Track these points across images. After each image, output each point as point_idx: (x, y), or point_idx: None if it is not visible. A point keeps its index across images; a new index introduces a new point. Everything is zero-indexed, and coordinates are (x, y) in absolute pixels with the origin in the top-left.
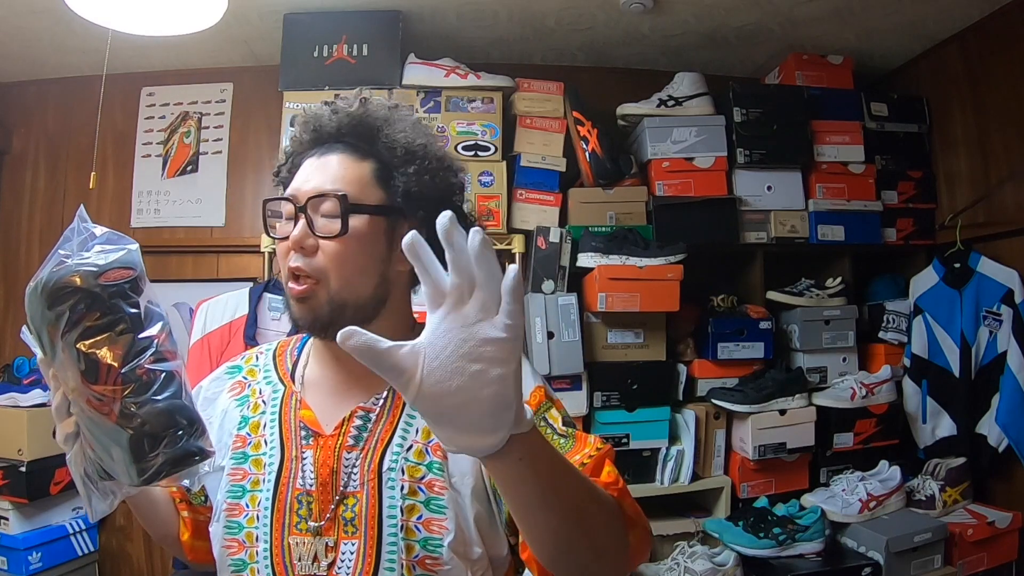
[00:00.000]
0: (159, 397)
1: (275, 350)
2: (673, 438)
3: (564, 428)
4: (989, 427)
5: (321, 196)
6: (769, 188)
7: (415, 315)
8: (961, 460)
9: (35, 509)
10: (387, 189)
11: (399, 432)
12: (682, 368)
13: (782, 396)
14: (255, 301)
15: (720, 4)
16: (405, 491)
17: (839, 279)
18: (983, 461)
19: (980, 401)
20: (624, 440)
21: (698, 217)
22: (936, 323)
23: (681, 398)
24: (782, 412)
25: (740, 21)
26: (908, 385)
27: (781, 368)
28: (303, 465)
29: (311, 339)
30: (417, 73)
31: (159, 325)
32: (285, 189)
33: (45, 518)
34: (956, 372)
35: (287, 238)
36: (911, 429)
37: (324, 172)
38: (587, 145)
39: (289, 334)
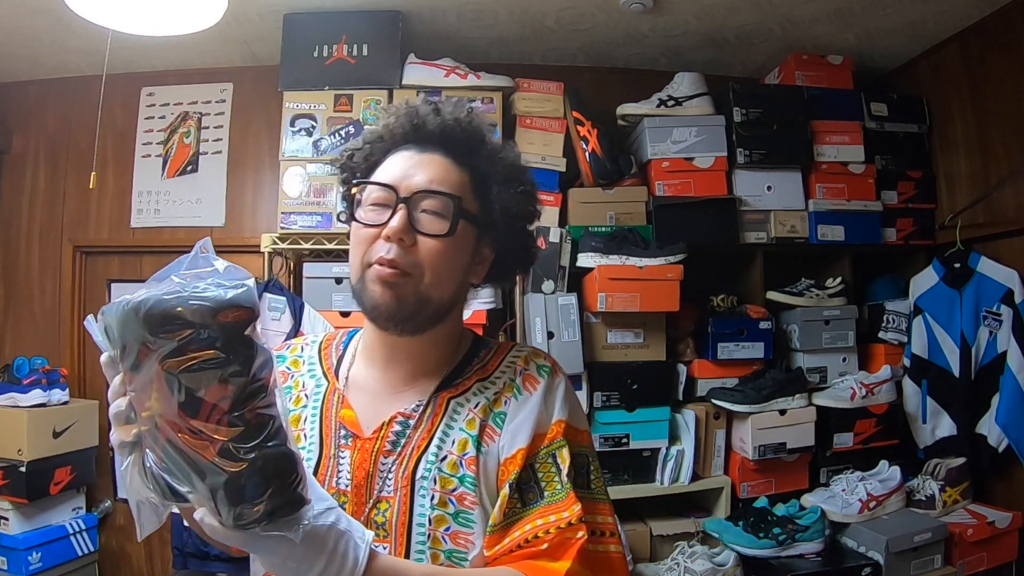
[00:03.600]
0: (269, 444)
1: (320, 344)
2: (673, 438)
3: (566, 478)
4: (989, 427)
5: (432, 193)
6: (769, 188)
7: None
8: (961, 460)
9: (35, 509)
10: (482, 202)
11: (435, 442)
12: (682, 368)
13: (782, 396)
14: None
15: (720, 4)
16: (435, 501)
17: (839, 279)
18: (983, 461)
19: (980, 401)
20: (624, 440)
21: (698, 217)
22: (936, 323)
23: (681, 398)
24: (782, 412)
25: (740, 21)
26: (908, 385)
27: (781, 368)
28: (340, 465)
29: (357, 337)
30: (417, 73)
31: (270, 367)
32: (351, 176)
33: (45, 518)
34: (956, 372)
35: (376, 225)
36: (911, 429)
37: (429, 170)
38: (587, 145)
39: (287, 336)
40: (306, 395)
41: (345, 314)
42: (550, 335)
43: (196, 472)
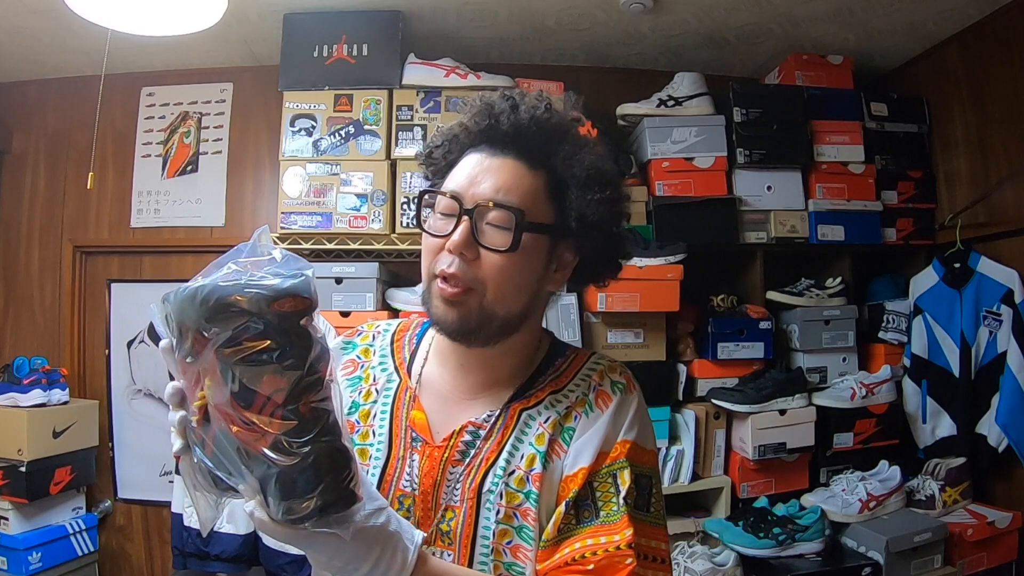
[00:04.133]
0: (323, 440)
1: (394, 333)
2: (673, 438)
3: (623, 500)
4: (989, 427)
5: (495, 205)
6: (769, 188)
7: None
8: (961, 460)
9: (35, 509)
10: (558, 206)
11: (504, 455)
12: (682, 368)
13: (782, 396)
14: None
15: (720, 4)
16: (501, 516)
17: (839, 279)
18: (983, 461)
19: (980, 401)
20: None
21: (698, 217)
22: (936, 323)
23: (681, 398)
24: (782, 412)
25: (740, 21)
26: (908, 385)
27: (781, 368)
28: (409, 467)
29: (431, 332)
30: (417, 73)
31: (326, 359)
32: (433, 173)
33: (45, 518)
34: (956, 372)
35: (442, 236)
36: (911, 429)
37: (497, 177)
38: None
39: None
40: (376, 389)
41: (345, 314)
42: None
43: (247, 464)
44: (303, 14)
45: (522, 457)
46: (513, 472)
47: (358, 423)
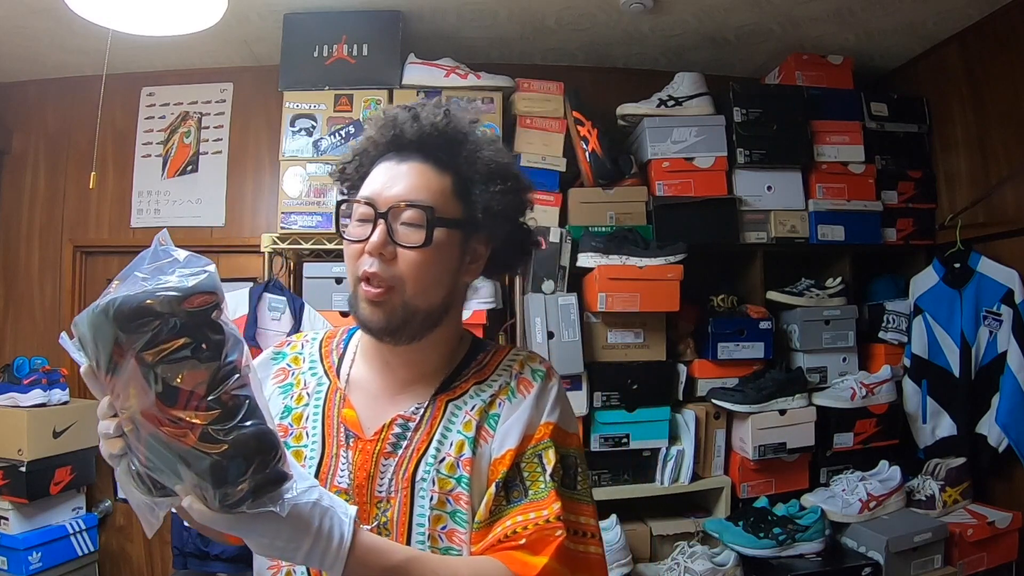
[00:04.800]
0: (247, 424)
1: (321, 341)
2: (673, 438)
3: (550, 478)
4: (989, 427)
5: (407, 205)
6: (769, 188)
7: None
8: (961, 460)
9: (35, 509)
10: (465, 203)
11: (434, 444)
12: (682, 368)
13: (782, 396)
14: (255, 301)
15: (720, 4)
16: (434, 502)
17: (839, 279)
18: (983, 461)
19: (980, 401)
20: (624, 440)
21: (698, 217)
22: (936, 323)
23: (681, 398)
24: (782, 412)
25: (740, 21)
26: (908, 385)
27: (781, 368)
28: (341, 464)
29: (358, 334)
30: (417, 73)
31: (239, 348)
32: (348, 187)
33: (45, 518)
34: (956, 372)
35: (361, 241)
36: (911, 429)
37: (406, 180)
38: (587, 145)
39: (288, 334)
40: (308, 393)
41: (345, 314)
42: (550, 335)
43: (181, 462)
44: (303, 14)
45: (451, 444)
46: (444, 459)
47: (291, 426)
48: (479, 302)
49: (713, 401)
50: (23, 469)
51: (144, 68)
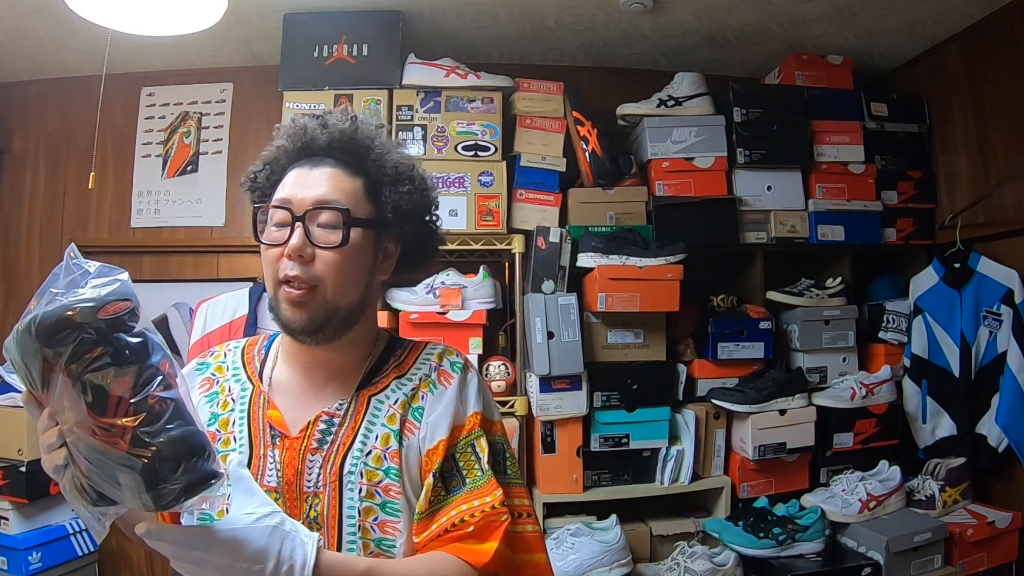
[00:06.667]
0: (172, 425)
1: (243, 348)
2: (673, 438)
3: (487, 466)
4: (989, 427)
5: (323, 207)
6: (769, 188)
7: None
8: (961, 460)
9: (35, 509)
10: (376, 204)
11: (360, 438)
12: (682, 368)
13: (782, 396)
14: (255, 301)
15: (720, 4)
16: (363, 493)
17: (839, 279)
18: (983, 461)
19: (980, 401)
20: (624, 440)
21: (698, 217)
22: (936, 323)
23: (681, 398)
24: (782, 412)
25: (740, 21)
26: (908, 385)
27: (781, 368)
28: (269, 463)
29: (278, 340)
30: (417, 73)
31: (161, 352)
32: (258, 196)
33: (45, 518)
34: (956, 372)
35: (279, 244)
36: (911, 429)
37: (321, 184)
38: (587, 145)
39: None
40: (233, 399)
41: None
42: (550, 335)
43: (117, 468)
44: (303, 14)
45: (377, 437)
46: (370, 452)
47: (219, 432)
48: (479, 302)
49: (713, 401)
50: (23, 469)
51: (144, 68)
